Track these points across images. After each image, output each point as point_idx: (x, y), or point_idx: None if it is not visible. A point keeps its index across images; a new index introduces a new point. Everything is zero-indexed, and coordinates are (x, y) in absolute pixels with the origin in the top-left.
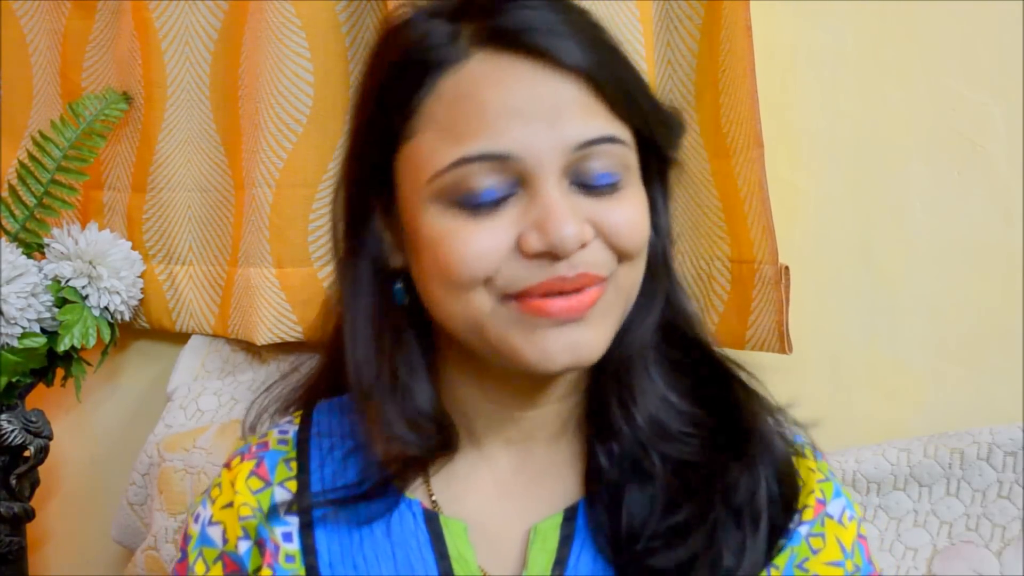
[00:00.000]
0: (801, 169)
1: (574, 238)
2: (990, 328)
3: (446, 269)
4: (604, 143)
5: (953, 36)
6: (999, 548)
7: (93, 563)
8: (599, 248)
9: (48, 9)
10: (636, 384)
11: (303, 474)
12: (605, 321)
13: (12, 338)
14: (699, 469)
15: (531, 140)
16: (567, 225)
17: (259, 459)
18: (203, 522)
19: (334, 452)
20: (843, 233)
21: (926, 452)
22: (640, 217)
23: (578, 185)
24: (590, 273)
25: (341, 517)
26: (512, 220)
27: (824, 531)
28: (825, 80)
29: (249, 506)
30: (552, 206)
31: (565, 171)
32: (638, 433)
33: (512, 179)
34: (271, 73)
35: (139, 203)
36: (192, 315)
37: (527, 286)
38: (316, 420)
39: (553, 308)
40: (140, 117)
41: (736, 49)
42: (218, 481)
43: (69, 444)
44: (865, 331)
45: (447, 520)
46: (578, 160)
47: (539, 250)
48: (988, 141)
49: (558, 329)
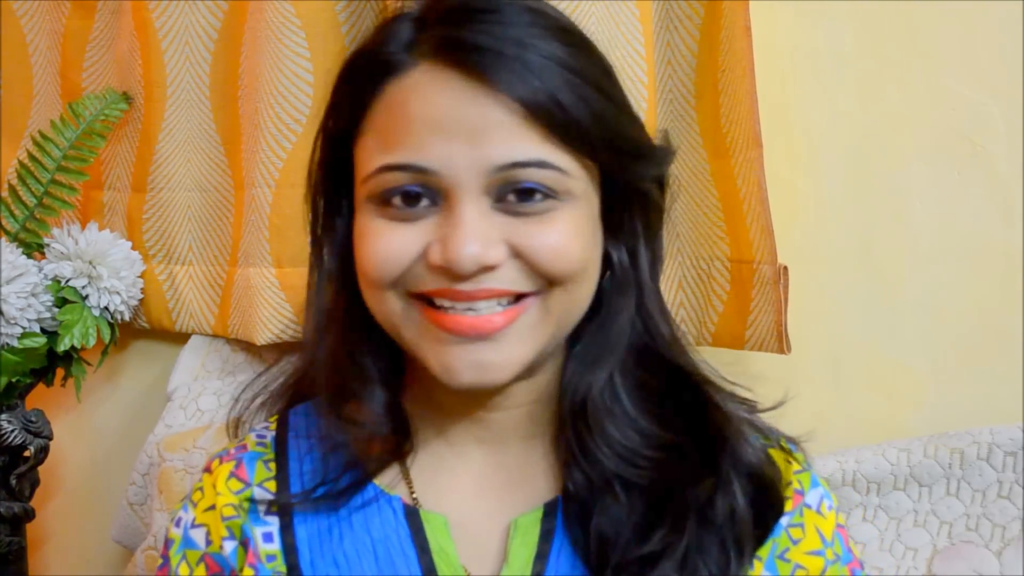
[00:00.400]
0: (801, 169)
1: (471, 258)
2: (990, 328)
3: (364, 266)
4: (532, 167)
5: (953, 36)
6: (999, 548)
7: (93, 563)
8: (515, 269)
9: (48, 9)
10: (604, 411)
11: (282, 473)
12: (523, 342)
13: (12, 338)
14: (671, 493)
15: (451, 157)
16: (467, 244)
17: (238, 461)
18: (185, 525)
19: (312, 452)
20: (843, 233)
21: (926, 452)
22: (569, 242)
23: (503, 204)
24: (495, 288)
25: (321, 515)
26: (426, 230)
27: (803, 521)
28: (825, 80)
29: (232, 506)
30: (459, 224)
31: (486, 190)
32: (605, 461)
33: (432, 191)
34: (271, 73)
35: (139, 203)
36: (192, 315)
37: (425, 289)
38: (292, 423)
39: (458, 326)
40: (140, 117)
41: (736, 49)
42: (199, 485)
43: (69, 444)
44: (865, 331)
45: (427, 515)
46: (501, 181)
47: (437, 264)
48: (988, 141)
49: (463, 346)
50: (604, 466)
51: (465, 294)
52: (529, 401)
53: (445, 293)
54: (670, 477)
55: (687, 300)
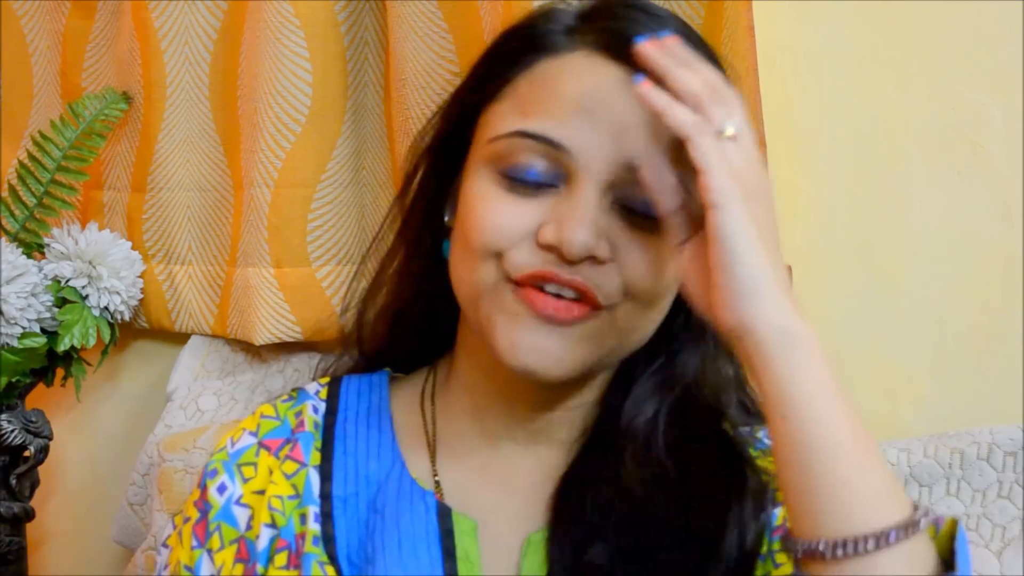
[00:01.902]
0: (801, 169)
1: (582, 244)
2: (990, 328)
3: (469, 230)
4: None
5: (953, 36)
6: (999, 548)
7: (93, 563)
8: (611, 274)
9: (48, 9)
10: (640, 441)
11: (327, 463)
12: (585, 346)
13: (12, 338)
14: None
15: (589, 141)
16: (582, 229)
17: (294, 442)
18: (230, 498)
19: (358, 441)
20: (843, 233)
21: (926, 452)
22: (664, 265)
23: (620, 208)
24: (587, 287)
25: (360, 504)
26: (542, 208)
27: None
28: (825, 80)
29: (282, 498)
30: (578, 207)
31: (610, 186)
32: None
33: (558, 171)
34: (270, 73)
35: (139, 203)
36: (191, 315)
37: (528, 272)
38: (343, 399)
39: (538, 301)
40: (140, 117)
41: (738, 49)
42: (252, 460)
43: (69, 444)
44: (865, 331)
45: (459, 517)
46: (627, 181)
47: (548, 242)
48: (988, 141)
49: (535, 327)
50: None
51: (561, 279)
52: (570, 407)
53: (546, 275)
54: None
55: None
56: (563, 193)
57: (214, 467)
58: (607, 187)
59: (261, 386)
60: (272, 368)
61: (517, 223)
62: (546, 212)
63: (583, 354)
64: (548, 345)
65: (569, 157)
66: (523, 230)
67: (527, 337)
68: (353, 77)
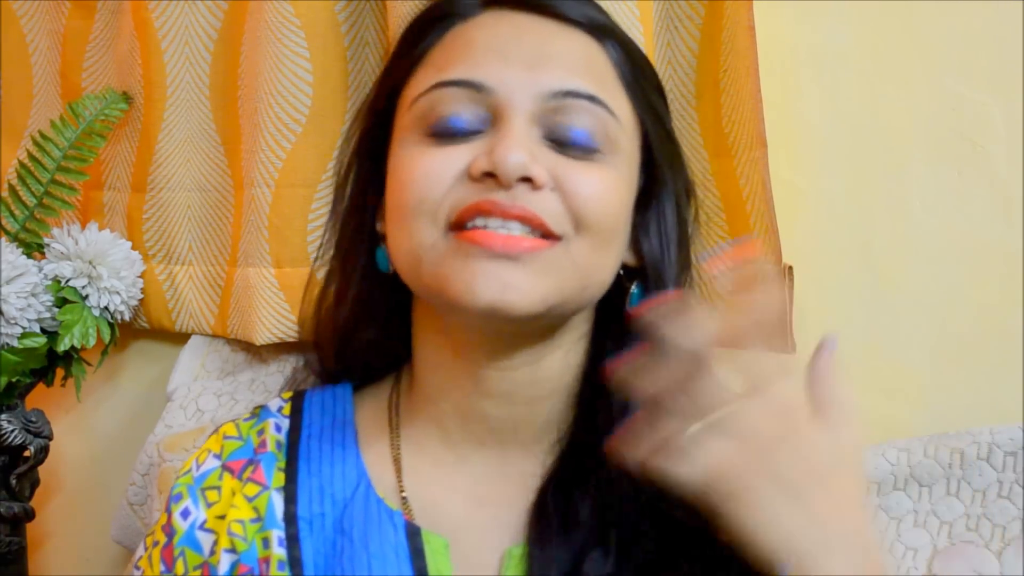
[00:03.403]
0: (801, 169)
1: (517, 163)
2: (990, 328)
3: (400, 194)
4: (583, 99)
5: (953, 36)
6: (999, 548)
7: (93, 563)
8: (554, 200)
9: (48, 9)
10: None
11: (291, 484)
12: (547, 277)
13: (12, 338)
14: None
15: (507, 76)
16: (514, 150)
17: (255, 463)
18: (194, 523)
19: (322, 458)
20: (843, 233)
21: (926, 452)
22: (607, 191)
23: (550, 141)
24: (531, 210)
25: (326, 526)
26: (471, 149)
27: None
28: (825, 80)
29: (243, 522)
30: (507, 135)
31: (536, 118)
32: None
33: (484, 113)
34: (270, 73)
35: (139, 203)
36: (192, 315)
37: (465, 206)
38: (306, 415)
39: (489, 239)
40: (140, 117)
41: (738, 49)
42: (216, 483)
43: (69, 444)
44: (865, 331)
45: (429, 536)
46: (552, 111)
47: (482, 169)
48: (988, 141)
49: (489, 262)
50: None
51: (502, 208)
52: (532, 397)
53: (483, 205)
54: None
55: None
56: (490, 133)
57: (179, 491)
58: (533, 118)
59: (261, 386)
60: (272, 368)
61: (446, 167)
62: (473, 152)
63: (546, 285)
64: (507, 278)
65: (490, 94)
66: (454, 171)
67: (484, 273)
68: (353, 77)
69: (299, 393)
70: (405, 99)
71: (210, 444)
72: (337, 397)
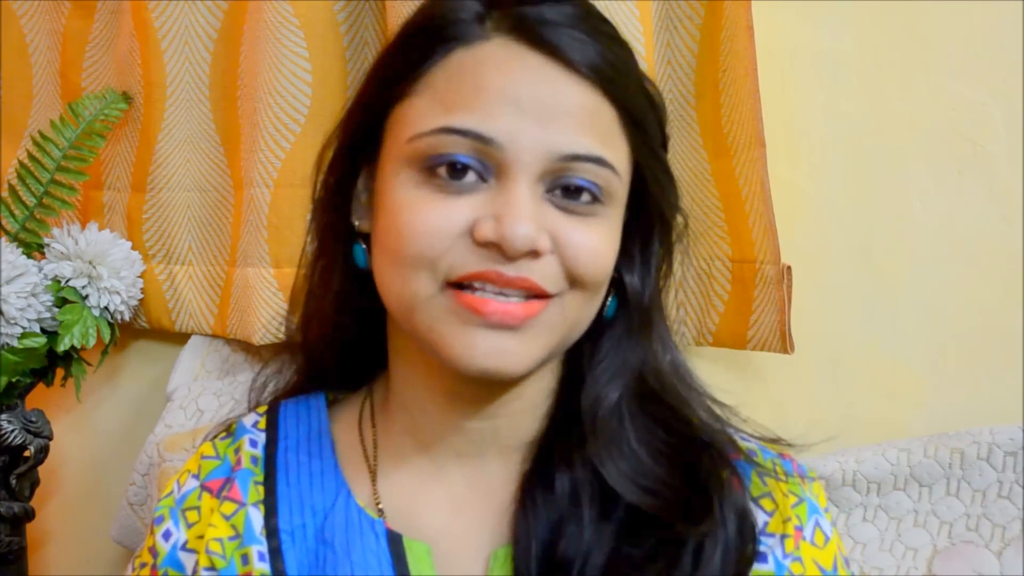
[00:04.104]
0: (801, 169)
1: (526, 239)
2: (990, 328)
3: (397, 240)
4: (591, 163)
5: (953, 36)
6: (999, 548)
7: (93, 563)
8: (552, 264)
9: (48, 9)
10: (611, 431)
11: (270, 497)
12: (539, 339)
13: (12, 338)
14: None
15: (519, 133)
16: (523, 224)
17: (230, 482)
18: (176, 544)
19: (300, 470)
20: (843, 233)
21: (926, 452)
22: (605, 249)
23: (552, 197)
24: (533, 280)
25: (308, 537)
26: (474, 205)
27: (801, 555)
28: (825, 80)
29: (221, 540)
30: (516, 201)
31: (543, 177)
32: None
33: (488, 165)
34: (269, 73)
35: (139, 203)
36: (191, 315)
37: (467, 272)
38: (282, 427)
39: (488, 308)
40: (140, 117)
41: (737, 49)
42: (196, 504)
43: (69, 444)
44: (865, 331)
45: (411, 543)
46: (560, 171)
47: (488, 239)
48: (988, 141)
49: (489, 331)
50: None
51: (506, 279)
52: (511, 412)
53: (488, 275)
54: (666, 510)
55: (687, 300)
56: (494, 187)
57: (160, 513)
58: (539, 177)
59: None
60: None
61: (449, 224)
62: (478, 208)
63: (539, 347)
64: (506, 346)
65: (499, 150)
66: (456, 230)
67: (484, 341)
68: (353, 77)
69: (273, 405)
70: (401, 124)
71: (189, 465)
72: (311, 407)
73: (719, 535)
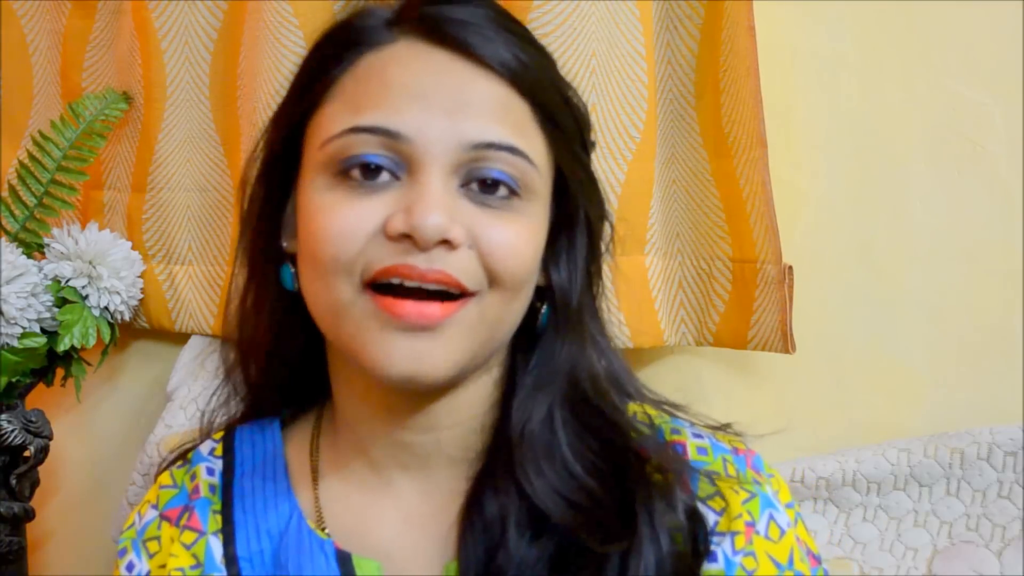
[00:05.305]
0: (801, 169)
1: (436, 227)
2: (990, 328)
3: (314, 245)
4: (504, 151)
5: (953, 36)
6: (999, 548)
7: (93, 563)
8: (470, 259)
9: (48, 9)
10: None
11: (227, 525)
12: (458, 341)
13: (12, 338)
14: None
15: (426, 126)
16: (432, 212)
17: (190, 510)
18: (139, 575)
19: (255, 495)
20: (843, 233)
21: (926, 452)
22: (524, 245)
23: (468, 191)
24: (449, 273)
25: (267, 563)
26: (386, 203)
27: (754, 549)
28: (825, 80)
29: (182, 569)
30: (426, 192)
31: (455, 169)
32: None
33: (398, 162)
34: (269, 73)
35: (139, 203)
36: (192, 315)
37: (381, 267)
38: (238, 453)
39: (404, 310)
40: (140, 117)
41: (738, 49)
42: (156, 534)
43: (69, 444)
44: (865, 331)
45: (360, 561)
46: (471, 161)
47: (399, 231)
48: (988, 141)
49: (406, 335)
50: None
51: (419, 272)
52: (452, 424)
53: (400, 269)
54: (587, 527)
55: (687, 300)
56: (407, 183)
57: (123, 546)
58: (451, 170)
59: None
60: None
61: (362, 224)
62: (391, 205)
63: (458, 349)
64: (420, 348)
65: (408, 144)
66: (370, 228)
67: (398, 346)
68: None
69: (230, 431)
70: (315, 133)
71: (149, 496)
72: (266, 431)
73: (645, 548)
